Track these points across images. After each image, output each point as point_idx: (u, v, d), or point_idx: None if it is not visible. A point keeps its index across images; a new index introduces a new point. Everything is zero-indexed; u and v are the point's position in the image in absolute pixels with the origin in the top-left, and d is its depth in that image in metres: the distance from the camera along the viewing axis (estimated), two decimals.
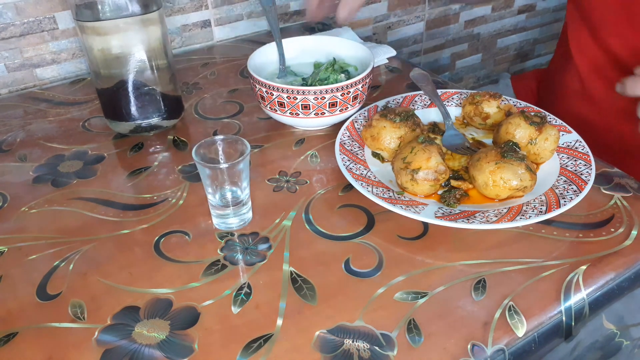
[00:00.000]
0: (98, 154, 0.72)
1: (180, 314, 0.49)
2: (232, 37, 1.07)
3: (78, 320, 0.49)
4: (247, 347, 0.46)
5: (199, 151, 0.57)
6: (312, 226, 0.59)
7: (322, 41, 0.83)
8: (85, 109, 0.83)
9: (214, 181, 0.57)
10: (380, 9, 1.25)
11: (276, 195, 0.64)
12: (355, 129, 0.72)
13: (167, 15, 0.98)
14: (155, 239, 0.58)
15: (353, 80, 0.70)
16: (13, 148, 0.74)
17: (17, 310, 0.51)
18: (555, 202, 0.58)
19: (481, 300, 0.50)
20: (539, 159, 0.66)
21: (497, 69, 1.61)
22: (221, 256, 0.56)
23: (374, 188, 0.61)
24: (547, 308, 0.50)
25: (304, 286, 0.52)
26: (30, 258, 0.56)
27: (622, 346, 0.63)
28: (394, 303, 0.50)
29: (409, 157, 0.61)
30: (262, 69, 0.78)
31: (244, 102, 0.84)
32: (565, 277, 0.52)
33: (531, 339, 0.48)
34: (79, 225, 0.60)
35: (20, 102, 0.86)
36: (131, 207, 0.63)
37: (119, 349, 0.46)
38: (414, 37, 1.36)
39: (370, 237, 0.58)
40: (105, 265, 0.55)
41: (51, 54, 0.92)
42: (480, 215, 0.57)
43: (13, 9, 0.86)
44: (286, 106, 0.70)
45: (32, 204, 0.64)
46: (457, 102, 0.78)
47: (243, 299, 0.51)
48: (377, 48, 0.97)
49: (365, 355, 0.45)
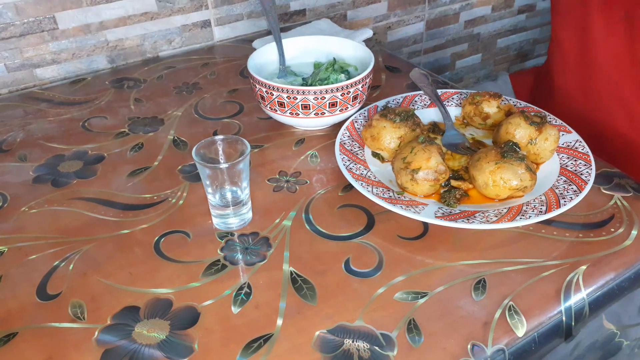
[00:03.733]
0: (98, 154, 0.72)
1: (180, 314, 0.49)
2: (232, 37, 1.07)
3: (78, 320, 0.49)
4: (247, 347, 0.46)
5: (199, 151, 0.57)
6: (312, 226, 0.59)
7: (322, 41, 0.83)
8: (85, 109, 0.83)
9: (214, 181, 0.57)
10: (380, 9, 1.25)
11: (276, 195, 0.64)
12: (355, 129, 0.72)
13: (167, 15, 0.98)
14: (155, 239, 0.58)
15: (353, 80, 0.70)
16: (13, 148, 0.74)
17: (17, 310, 0.51)
18: (555, 202, 0.58)
19: (481, 300, 0.50)
20: (539, 159, 0.66)
21: (497, 69, 1.61)
22: (221, 256, 0.56)
23: (374, 188, 0.61)
24: (547, 308, 0.50)
25: (304, 286, 0.52)
26: (30, 258, 0.56)
27: (622, 346, 0.63)
28: (394, 303, 0.50)
29: (409, 157, 0.61)
30: (262, 69, 0.78)
31: (244, 102, 0.84)
32: (565, 277, 0.52)
33: (531, 339, 0.48)
34: (79, 225, 0.60)
35: (20, 102, 0.86)
36: (131, 207, 0.63)
37: (119, 349, 0.46)
38: (414, 37, 1.36)
39: (370, 237, 0.58)
40: (105, 265, 0.55)
41: (51, 54, 0.92)
42: (480, 215, 0.57)
43: (13, 9, 0.86)
44: (286, 106, 0.70)
45: (32, 204, 0.64)
46: (457, 102, 0.78)
47: (243, 299, 0.51)
48: (354, 33, 1.00)
49: (365, 355, 0.45)
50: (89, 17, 0.92)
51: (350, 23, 1.21)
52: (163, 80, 0.91)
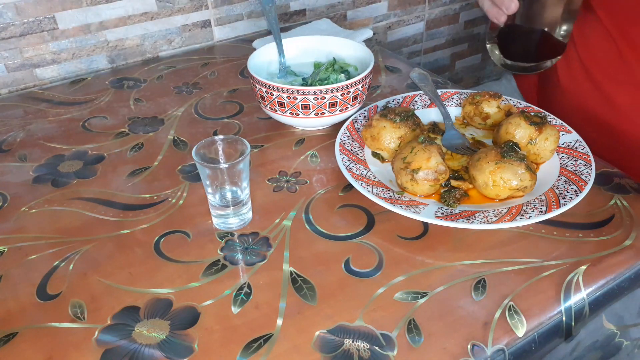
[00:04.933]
0: (98, 154, 0.72)
1: (180, 314, 0.49)
2: (232, 37, 1.07)
3: (78, 320, 0.49)
4: (247, 347, 0.46)
5: (199, 151, 0.57)
6: (312, 226, 0.59)
7: (322, 41, 0.83)
8: (85, 109, 0.83)
9: (214, 181, 0.57)
10: (380, 9, 1.25)
11: (276, 195, 0.64)
12: (355, 129, 0.72)
13: (167, 15, 0.99)
14: (155, 239, 0.58)
15: (353, 80, 0.70)
16: (13, 148, 0.74)
17: (17, 310, 0.51)
18: (555, 202, 0.58)
19: (481, 300, 0.50)
20: (539, 159, 0.66)
21: (497, 69, 1.61)
22: (221, 256, 0.56)
23: (374, 188, 0.61)
24: (547, 308, 0.50)
25: (304, 286, 0.52)
26: (30, 258, 0.56)
27: (622, 346, 0.63)
28: (394, 303, 0.50)
29: (409, 157, 0.61)
30: (262, 69, 0.78)
31: (244, 102, 0.84)
32: (565, 277, 0.52)
33: (531, 339, 0.48)
34: (79, 225, 0.60)
35: (20, 102, 0.86)
36: (131, 207, 0.63)
37: (119, 349, 0.46)
38: (414, 37, 1.36)
39: (370, 237, 0.58)
40: (105, 265, 0.55)
41: (51, 54, 0.92)
42: (480, 215, 0.57)
43: (13, 9, 0.86)
44: (286, 106, 0.70)
45: (32, 204, 0.64)
46: (457, 102, 0.78)
47: (243, 299, 0.51)
48: (354, 33, 1.00)
49: (365, 355, 0.45)
50: (89, 17, 0.92)
51: (350, 23, 1.21)
52: (163, 80, 0.91)
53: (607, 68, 0.82)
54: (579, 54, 0.86)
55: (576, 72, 0.88)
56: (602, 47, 0.82)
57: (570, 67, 0.88)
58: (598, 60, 0.83)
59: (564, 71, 0.89)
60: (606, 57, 0.82)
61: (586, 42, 0.85)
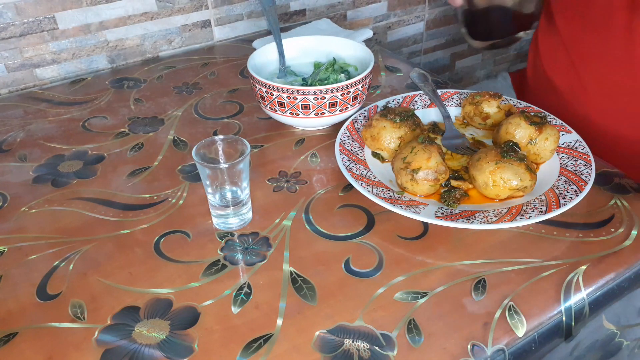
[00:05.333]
0: (98, 154, 0.72)
1: (180, 314, 0.49)
2: (232, 37, 1.07)
3: (78, 320, 0.49)
4: (247, 347, 0.46)
5: (199, 151, 0.57)
6: (312, 226, 0.59)
7: (322, 41, 0.83)
8: (85, 109, 0.83)
9: (214, 181, 0.57)
10: (380, 9, 1.25)
11: (276, 195, 0.64)
12: (355, 129, 0.72)
13: (167, 15, 0.98)
14: (155, 239, 0.58)
15: (353, 80, 0.70)
16: (13, 148, 0.74)
17: (17, 310, 0.51)
18: (555, 202, 0.58)
19: (481, 300, 0.50)
20: (539, 159, 0.66)
21: (497, 69, 1.61)
22: (221, 256, 0.56)
23: (374, 188, 0.61)
24: (547, 308, 0.50)
25: (304, 286, 0.52)
26: (30, 258, 0.56)
27: (622, 346, 0.63)
28: (394, 303, 0.50)
29: (409, 157, 0.61)
30: (262, 69, 0.78)
31: (244, 102, 0.84)
32: (565, 277, 0.52)
33: (531, 339, 0.48)
34: (79, 225, 0.60)
35: (20, 102, 0.86)
36: (131, 207, 0.63)
37: (119, 349, 0.46)
38: (414, 37, 1.36)
39: (370, 237, 0.58)
40: (105, 265, 0.55)
41: (51, 54, 0.92)
42: (480, 215, 0.57)
43: (13, 9, 0.86)
44: (286, 106, 0.70)
45: (32, 204, 0.64)
46: (457, 102, 0.78)
47: (243, 299, 0.51)
48: (354, 33, 1.00)
49: (365, 355, 0.45)
50: (89, 17, 0.92)
51: (350, 23, 1.21)
52: (163, 80, 0.91)
53: (563, 78, 0.82)
54: (542, 62, 0.87)
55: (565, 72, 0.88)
56: (559, 57, 0.82)
57: (537, 70, 0.89)
58: (557, 69, 0.84)
59: (553, 72, 0.89)
60: (563, 67, 0.82)
61: (547, 52, 0.86)
